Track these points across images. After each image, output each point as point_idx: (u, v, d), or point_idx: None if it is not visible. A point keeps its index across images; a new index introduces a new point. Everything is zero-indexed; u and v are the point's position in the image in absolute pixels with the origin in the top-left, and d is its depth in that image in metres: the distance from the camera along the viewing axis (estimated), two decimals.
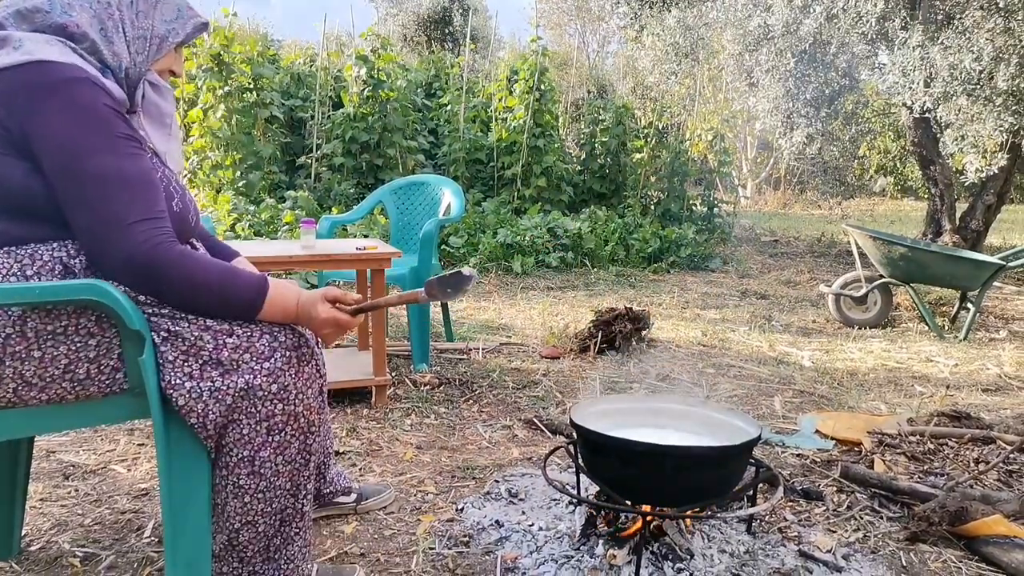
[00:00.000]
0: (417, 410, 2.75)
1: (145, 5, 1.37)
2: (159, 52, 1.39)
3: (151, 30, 1.37)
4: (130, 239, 1.19)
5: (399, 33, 16.23)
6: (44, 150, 1.18)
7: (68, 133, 1.18)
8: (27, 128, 1.18)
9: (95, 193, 1.18)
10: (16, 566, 1.62)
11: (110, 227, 1.19)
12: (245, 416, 1.27)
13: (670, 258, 7.05)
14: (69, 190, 1.19)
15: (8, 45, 1.21)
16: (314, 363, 1.35)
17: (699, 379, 3.29)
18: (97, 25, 1.30)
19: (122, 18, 1.34)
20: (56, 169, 1.18)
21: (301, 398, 1.31)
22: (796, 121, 7.30)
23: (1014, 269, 4.28)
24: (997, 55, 5.45)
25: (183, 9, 1.42)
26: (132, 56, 1.35)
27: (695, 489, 1.59)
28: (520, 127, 8.08)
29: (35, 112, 1.17)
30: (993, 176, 6.63)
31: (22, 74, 1.18)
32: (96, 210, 1.18)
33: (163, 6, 1.39)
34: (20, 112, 1.18)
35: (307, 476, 1.37)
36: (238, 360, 1.26)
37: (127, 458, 2.26)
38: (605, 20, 19.34)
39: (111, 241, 1.19)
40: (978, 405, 2.99)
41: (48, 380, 1.22)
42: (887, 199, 17.10)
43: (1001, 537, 1.71)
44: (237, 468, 1.29)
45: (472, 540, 1.77)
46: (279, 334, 1.30)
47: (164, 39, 1.39)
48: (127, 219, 1.19)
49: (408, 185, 4.01)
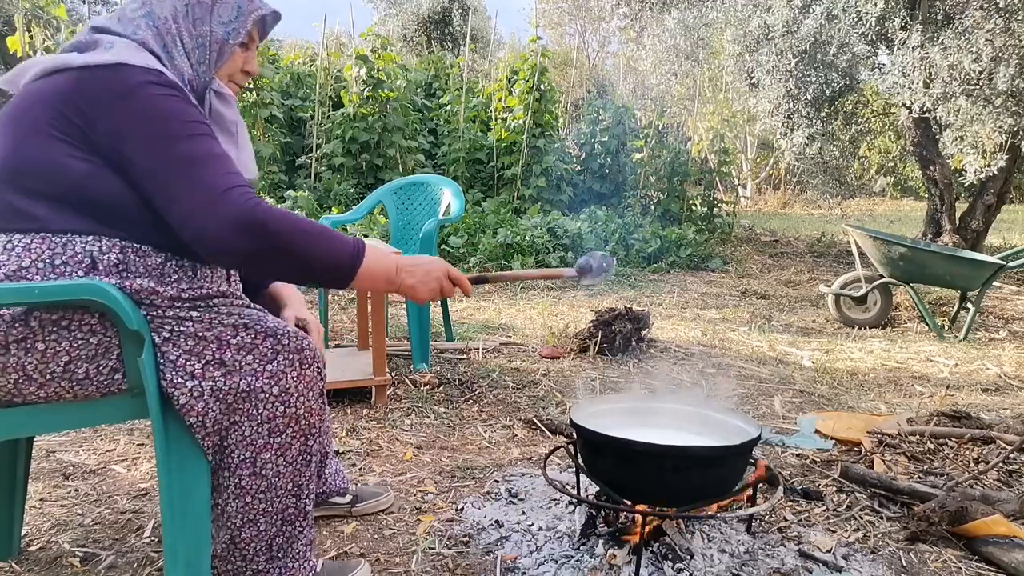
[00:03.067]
0: (417, 410, 2.75)
1: (201, 11, 1.36)
2: (221, 57, 1.39)
3: (209, 36, 1.36)
4: (231, 202, 1.19)
5: (399, 33, 16.22)
6: (132, 149, 1.21)
7: (152, 127, 1.21)
8: (112, 128, 1.20)
9: (188, 173, 1.20)
10: (16, 566, 1.62)
11: (210, 198, 1.19)
12: (247, 418, 1.27)
13: (670, 258, 7.05)
14: (163, 180, 1.20)
15: (99, 46, 1.26)
16: (316, 366, 1.35)
17: (699, 379, 3.29)
18: (160, 43, 1.32)
19: (179, 30, 1.34)
20: (147, 165, 1.20)
21: (303, 400, 1.32)
22: (796, 121, 7.30)
23: (1014, 269, 4.28)
24: (996, 56, 5.45)
25: (243, 5, 1.39)
26: (194, 67, 1.36)
27: (695, 489, 1.59)
28: (520, 127, 8.08)
29: (120, 112, 1.20)
30: (993, 176, 6.63)
31: (110, 73, 1.21)
32: (193, 188, 1.20)
33: (219, 8, 1.37)
34: (104, 111, 1.20)
35: (308, 476, 1.37)
36: (241, 361, 1.26)
37: (127, 458, 2.26)
38: (605, 20, 19.33)
39: (215, 210, 1.19)
40: (978, 405, 2.99)
41: (48, 377, 1.22)
42: (887, 199, 17.11)
43: (1001, 537, 1.71)
44: (239, 469, 1.30)
45: (472, 540, 1.77)
46: (283, 337, 1.31)
47: (224, 42, 1.38)
48: (224, 186, 1.21)
49: (408, 185, 4.01)
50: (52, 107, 1.21)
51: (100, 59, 1.22)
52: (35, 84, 1.25)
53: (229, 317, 1.29)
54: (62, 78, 1.22)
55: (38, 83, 1.25)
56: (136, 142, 1.20)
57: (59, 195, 1.22)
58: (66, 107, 1.20)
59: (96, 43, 1.27)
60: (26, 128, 1.22)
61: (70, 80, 1.22)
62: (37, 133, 1.21)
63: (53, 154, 1.21)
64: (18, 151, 1.22)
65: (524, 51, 8.71)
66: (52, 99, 1.21)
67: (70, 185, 1.22)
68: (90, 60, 1.22)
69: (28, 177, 1.22)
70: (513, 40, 16.82)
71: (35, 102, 1.23)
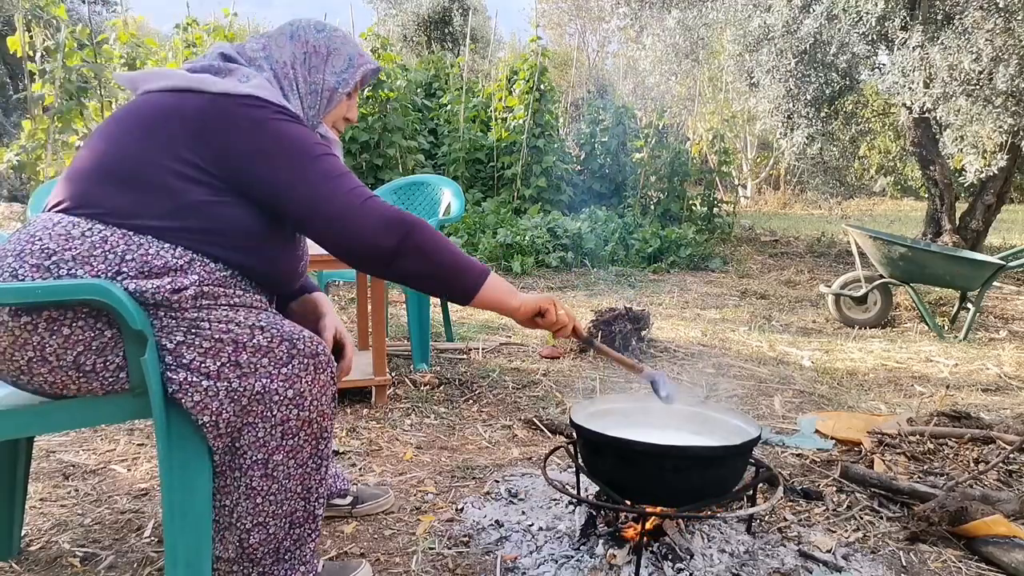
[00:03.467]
0: (417, 410, 2.75)
1: (317, 60, 1.45)
2: (330, 105, 1.49)
3: (322, 84, 1.46)
4: (375, 208, 1.31)
5: (399, 33, 16.21)
6: (268, 169, 1.29)
7: (290, 149, 1.30)
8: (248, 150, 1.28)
9: (329, 188, 1.30)
10: (16, 566, 1.62)
11: (354, 202, 1.30)
12: (260, 420, 1.28)
13: (670, 258, 7.05)
14: (305, 193, 1.29)
15: (235, 76, 1.35)
16: (329, 371, 1.36)
17: (699, 379, 3.30)
18: (277, 84, 1.41)
19: (296, 75, 1.44)
20: (287, 181, 1.29)
21: (316, 404, 1.33)
22: (796, 121, 7.29)
23: (1014, 269, 4.28)
24: (996, 56, 5.45)
25: (354, 58, 1.49)
26: (305, 111, 1.45)
27: (695, 489, 1.59)
28: (520, 127, 8.08)
29: (258, 136, 1.29)
30: (993, 176, 6.63)
31: (248, 102, 1.30)
32: (335, 200, 1.30)
33: (334, 58, 1.47)
34: (242, 135, 1.28)
35: (318, 480, 1.38)
36: (256, 363, 1.27)
37: (127, 458, 2.26)
38: (605, 20, 19.33)
39: (362, 216, 1.30)
40: (978, 405, 2.99)
41: (60, 363, 1.23)
42: (887, 199, 17.11)
43: (1001, 537, 1.71)
44: (251, 470, 1.30)
45: (472, 540, 1.77)
46: (298, 341, 1.31)
47: (335, 91, 1.48)
48: (365, 194, 1.33)
49: (408, 185, 4.01)
50: (191, 126, 1.27)
51: (239, 89, 1.30)
52: (167, 97, 1.31)
53: (247, 320, 1.30)
54: (201, 100, 1.29)
55: (170, 97, 1.31)
56: (274, 162, 1.29)
57: (167, 210, 1.27)
58: (204, 128, 1.27)
59: (230, 71, 1.36)
60: (163, 140, 1.27)
61: (210, 103, 1.29)
62: (171, 149, 1.27)
63: (180, 171, 1.27)
64: (146, 156, 1.27)
65: (524, 51, 8.72)
66: (192, 117, 1.28)
67: (184, 204, 1.27)
68: (230, 89, 1.30)
69: (145, 184, 1.27)
70: (513, 40, 16.83)
71: (172, 116, 1.28)
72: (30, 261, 1.21)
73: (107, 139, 1.31)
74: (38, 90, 5.56)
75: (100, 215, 1.26)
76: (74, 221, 1.25)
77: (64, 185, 1.31)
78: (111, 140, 1.31)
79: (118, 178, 1.27)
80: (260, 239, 1.35)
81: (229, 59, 1.40)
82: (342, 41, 1.49)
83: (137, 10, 35.20)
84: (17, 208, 7.20)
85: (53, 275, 1.21)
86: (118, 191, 1.27)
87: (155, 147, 1.27)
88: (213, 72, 1.36)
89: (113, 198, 1.26)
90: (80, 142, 5.66)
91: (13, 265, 1.21)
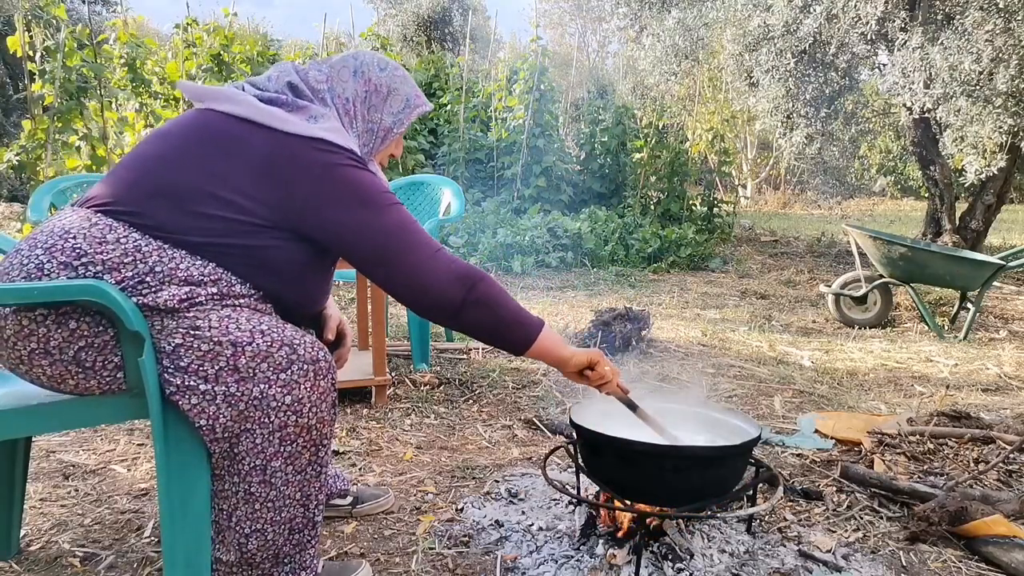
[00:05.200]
0: (417, 410, 2.75)
1: (378, 99, 1.47)
2: (384, 143, 1.52)
3: (379, 123, 1.49)
4: (445, 259, 1.36)
5: (399, 33, 16.22)
6: (337, 215, 1.30)
7: (361, 196, 1.32)
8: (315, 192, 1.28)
9: (401, 240, 1.33)
10: (16, 566, 1.62)
11: (429, 255, 1.34)
12: (258, 426, 1.27)
13: (670, 258, 7.05)
14: (378, 246, 1.32)
15: (305, 113, 1.34)
16: (329, 377, 1.35)
17: (699, 379, 3.29)
18: (338, 119, 1.41)
19: (356, 113, 1.45)
20: (358, 237, 1.32)
21: (315, 411, 1.31)
22: (796, 121, 7.29)
23: (1014, 269, 4.28)
24: (996, 56, 5.44)
25: (411, 99, 1.51)
26: (360, 148, 1.45)
27: (695, 489, 1.59)
28: (520, 127, 8.08)
29: (328, 182, 1.29)
30: (993, 176, 6.62)
31: (320, 146, 1.30)
32: (409, 252, 1.33)
33: (393, 98, 1.49)
34: (312, 180, 1.28)
35: (318, 487, 1.38)
36: (255, 368, 1.26)
37: (127, 458, 2.26)
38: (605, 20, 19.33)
39: (433, 270, 1.34)
40: (978, 405, 2.99)
41: (61, 356, 1.22)
42: (887, 199, 17.11)
43: (1001, 537, 1.71)
44: (248, 476, 1.30)
45: (472, 540, 1.77)
46: (298, 347, 1.30)
47: (390, 130, 1.51)
48: (436, 246, 1.37)
49: (408, 185, 4.01)
50: (257, 164, 1.27)
51: (311, 132, 1.30)
52: (234, 125, 1.30)
53: (248, 322, 1.28)
54: (270, 138, 1.28)
55: (237, 125, 1.30)
56: (344, 209, 1.30)
57: (214, 234, 1.27)
58: (272, 169, 1.27)
59: (300, 108, 1.35)
60: (225, 171, 1.27)
61: (280, 143, 1.28)
62: (233, 182, 1.26)
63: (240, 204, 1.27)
64: (206, 186, 1.26)
65: (524, 51, 8.72)
66: (259, 155, 1.28)
67: (232, 232, 1.27)
68: (302, 131, 1.30)
69: (198, 211, 1.26)
70: (513, 40, 16.83)
71: (239, 149, 1.28)
72: (59, 258, 1.21)
73: (167, 150, 1.30)
74: (38, 90, 5.56)
75: (141, 225, 1.25)
76: (111, 224, 1.25)
77: (113, 184, 1.29)
78: (171, 153, 1.30)
79: (172, 198, 1.26)
80: (301, 267, 1.37)
81: (296, 90, 1.40)
82: (402, 81, 1.50)
83: (137, 10, 35.19)
84: (17, 208, 7.20)
85: (79, 276, 1.21)
86: (167, 210, 1.26)
87: (216, 178, 1.26)
88: (281, 105, 1.35)
89: (160, 213, 1.26)
90: (80, 142, 5.66)
91: (42, 259, 1.21)
